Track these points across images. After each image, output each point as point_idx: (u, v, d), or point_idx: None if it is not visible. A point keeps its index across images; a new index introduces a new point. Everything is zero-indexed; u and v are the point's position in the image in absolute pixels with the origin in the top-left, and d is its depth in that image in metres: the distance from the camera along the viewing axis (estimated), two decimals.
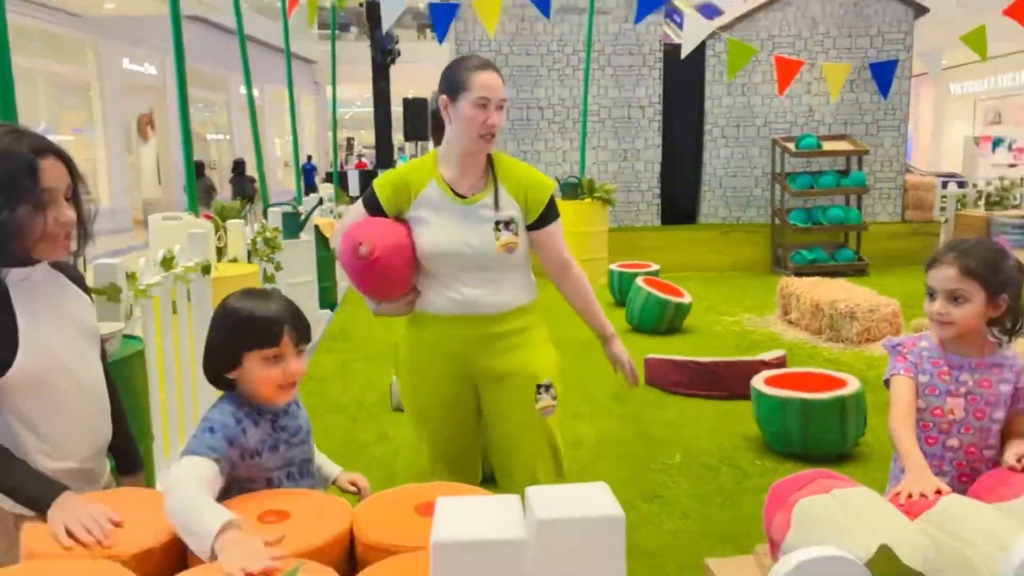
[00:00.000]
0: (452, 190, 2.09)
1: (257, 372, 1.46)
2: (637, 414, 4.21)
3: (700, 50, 8.85)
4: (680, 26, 10.22)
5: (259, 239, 4.61)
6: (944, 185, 9.58)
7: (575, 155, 9.14)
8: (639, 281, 6.13)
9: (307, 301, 5.93)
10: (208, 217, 4.15)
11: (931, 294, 1.83)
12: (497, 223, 2.07)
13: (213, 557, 1.17)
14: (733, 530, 2.92)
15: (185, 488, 1.28)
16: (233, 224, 4.23)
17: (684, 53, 8.32)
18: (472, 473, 2.27)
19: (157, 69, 16.97)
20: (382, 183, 2.14)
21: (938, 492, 1.58)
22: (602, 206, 8.28)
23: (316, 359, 5.46)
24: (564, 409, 4.27)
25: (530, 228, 2.13)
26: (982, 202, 9.42)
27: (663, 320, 5.99)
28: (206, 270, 3.25)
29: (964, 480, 1.83)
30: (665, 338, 5.87)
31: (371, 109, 13.47)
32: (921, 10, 9.12)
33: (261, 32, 17.97)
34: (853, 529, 1.41)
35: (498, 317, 2.11)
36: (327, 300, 7.41)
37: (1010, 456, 1.76)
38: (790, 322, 6.24)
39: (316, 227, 7.07)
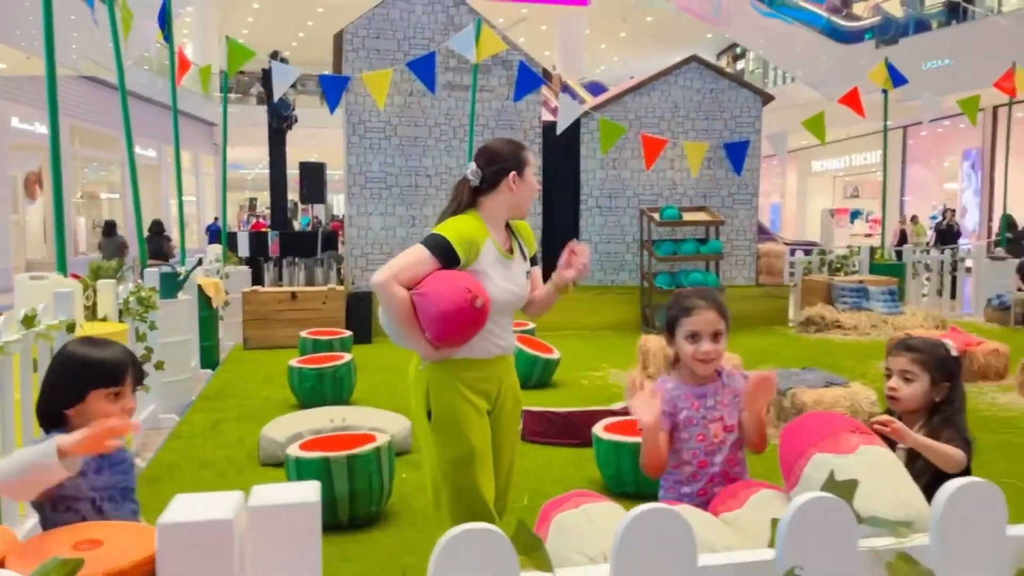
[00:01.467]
0: (502, 248, 2.50)
1: (99, 407, 1.72)
2: None
3: (576, 128, 9.57)
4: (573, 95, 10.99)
5: (132, 298, 4.74)
6: (792, 252, 10.56)
7: None
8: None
9: (185, 360, 6.02)
10: (76, 276, 4.29)
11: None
12: (526, 273, 2.59)
13: (66, 467, 1.41)
14: None
15: (11, 456, 1.50)
16: (104, 284, 4.36)
17: (559, 130, 9.01)
18: (492, 481, 2.52)
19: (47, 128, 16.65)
20: (458, 238, 2.37)
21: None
22: None
23: (188, 418, 5.55)
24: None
25: None
26: (825, 269, 10.41)
27: (532, 375, 6.40)
28: (71, 328, 3.40)
29: None
30: (533, 392, 6.26)
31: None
32: (768, 98, 10.18)
33: (161, 94, 17.93)
34: (592, 536, 1.67)
35: (511, 354, 2.59)
36: (209, 359, 7.46)
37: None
38: (648, 375, 6.76)
39: (199, 287, 7.19)
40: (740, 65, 29.98)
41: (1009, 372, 6.52)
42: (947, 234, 15.12)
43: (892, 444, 2.07)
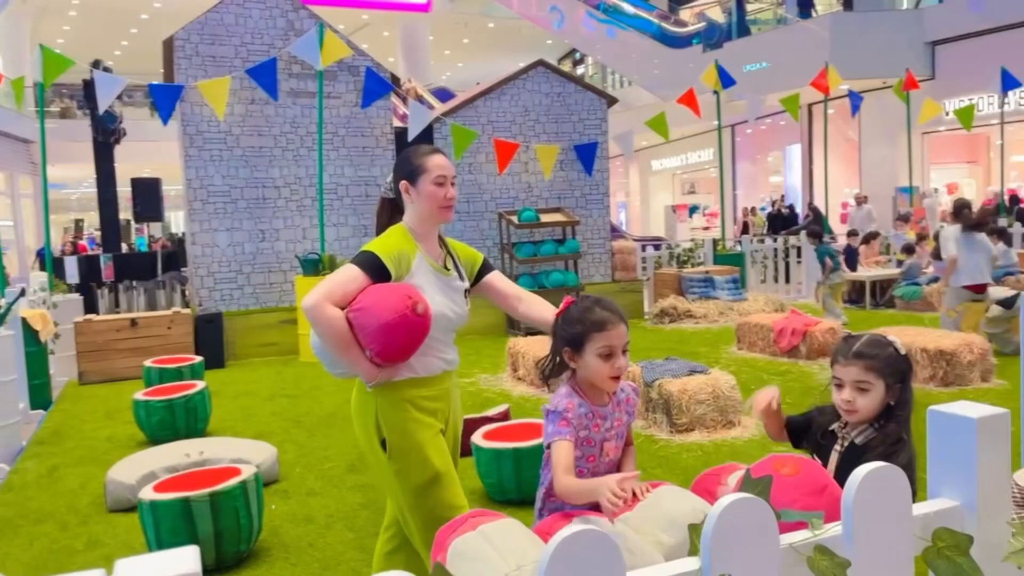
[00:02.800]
0: (435, 263, 2.36)
1: None
2: (371, 483, 4.35)
3: (429, 133, 9.48)
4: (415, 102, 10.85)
5: None
6: (643, 248, 11.01)
7: (315, 232, 9.26)
8: None
9: (11, 402, 5.38)
10: None
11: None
12: (465, 291, 2.43)
13: None
14: None
15: None
16: None
17: (411, 136, 8.88)
18: (462, 497, 2.38)
19: None
20: (385, 252, 2.27)
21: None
22: None
23: (19, 467, 4.98)
24: (298, 487, 4.32)
25: (477, 281, 2.51)
26: (674, 262, 10.92)
27: None
28: None
29: None
30: None
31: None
32: (612, 100, 10.55)
33: None
34: (491, 558, 1.59)
35: (456, 370, 2.46)
36: (40, 399, 6.75)
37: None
38: (519, 378, 6.78)
39: (23, 320, 6.48)
40: (580, 70, 30.98)
41: None
42: (778, 221, 16.28)
43: (827, 450, 2.04)
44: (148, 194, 11.85)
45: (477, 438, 4.12)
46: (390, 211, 2.49)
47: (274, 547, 3.56)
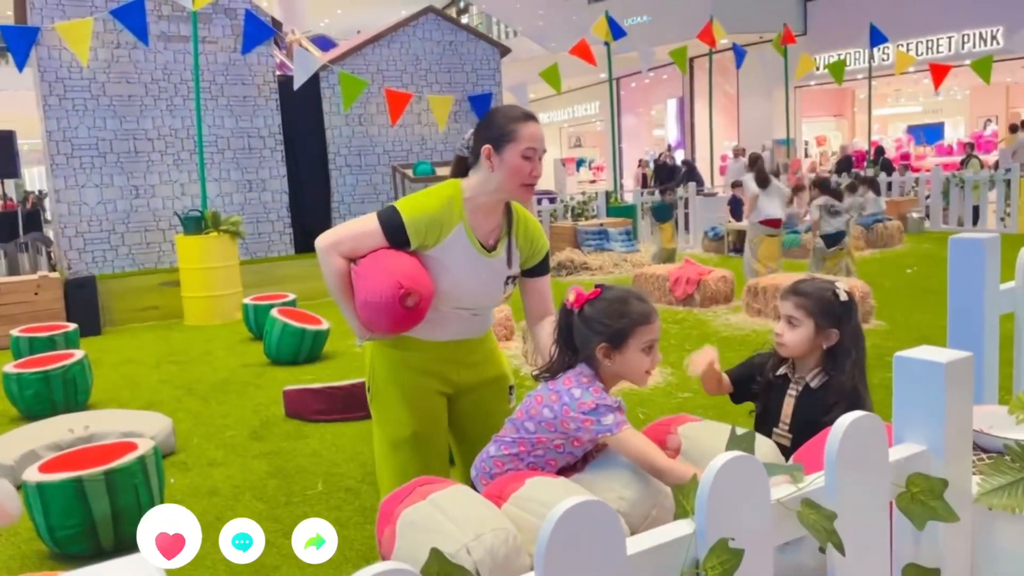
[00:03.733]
0: (478, 239, 2.12)
1: None
2: (278, 449, 4.18)
3: (315, 82, 9.03)
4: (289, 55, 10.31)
5: None
6: (539, 202, 11.03)
7: (195, 188, 8.69)
8: (274, 312, 6.07)
9: None
10: None
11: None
12: (507, 278, 2.21)
13: None
14: (373, 547, 3.07)
15: None
16: None
17: (296, 85, 8.44)
18: (444, 467, 2.29)
19: None
20: (415, 219, 2.06)
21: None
22: (230, 239, 8.00)
23: None
24: (197, 459, 4.09)
25: (525, 274, 2.26)
26: (569, 215, 11.02)
27: (301, 350, 6.01)
28: None
29: None
30: (305, 367, 5.89)
31: None
32: (505, 50, 10.39)
33: None
34: (447, 529, 1.51)
35: (478, 340, 2.27)
36: None
37: None
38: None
39: None
40: (464, 20, 30.43)
41: (735, 295, 7.36)
42: (664, 172, 16.72)
43: (780, 394, 2.06)
44: (2, 148, 10.78)
45: None
46: (464, 172, 2.19)
47: None
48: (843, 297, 1.99)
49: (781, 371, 2.09)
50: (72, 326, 6.30)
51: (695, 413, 4.66)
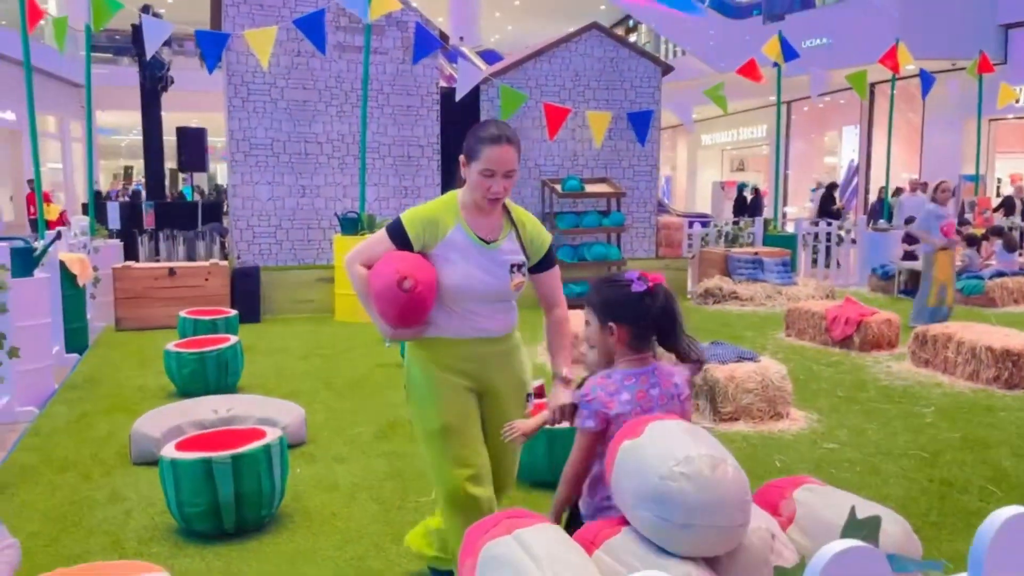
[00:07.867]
0: (476, 235, 2.37)
1: None
2: (400, 451, 4.21)
3: (475, 95, 9.21)
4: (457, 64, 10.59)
5: None
6: (691, 225, 10.66)
7: (355, 191, 9.10)
8: None
9: (42, 345, 5.36)
10: None
11: None
12: (512, 266, 2.40)
13: None
14: None
15: None
16: None
17: (458, 96, 8.64)
18: (476, 456, 2.43)
19: None
20: (412, 220, 2.37)
21: None
22: None
23: (49, 411, 4.95)
24: (324, 452, 4.21)
25: (532, 270, 2.48)
26: (721, 240, 10.56)
27: None
28: None
29: None
30: None
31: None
32: (668, 68, 10.14)
33: (11, 50, 16.13)
34: (528, 569, 1.45)
35: (503, 338, 2.46)
36: (76, 343, 6.76)
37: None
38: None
39: (62, 263, 6.46)
40: (632, 38, 30.24)
41: (900, 341, 6.73)
42: (829, 203, 15.69)
43: None
44: (193, 144, 11.82)
45: None
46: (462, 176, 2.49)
47: (296, 514, 3.44)
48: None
49: None
50: (233, 312, 6.71)
51: (840, 466, 4.25)
